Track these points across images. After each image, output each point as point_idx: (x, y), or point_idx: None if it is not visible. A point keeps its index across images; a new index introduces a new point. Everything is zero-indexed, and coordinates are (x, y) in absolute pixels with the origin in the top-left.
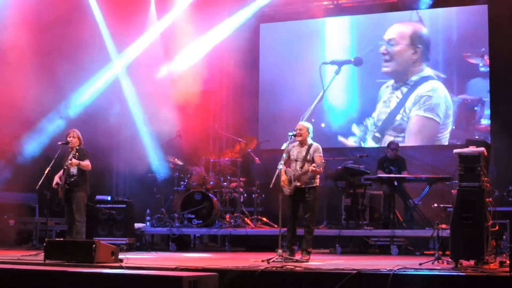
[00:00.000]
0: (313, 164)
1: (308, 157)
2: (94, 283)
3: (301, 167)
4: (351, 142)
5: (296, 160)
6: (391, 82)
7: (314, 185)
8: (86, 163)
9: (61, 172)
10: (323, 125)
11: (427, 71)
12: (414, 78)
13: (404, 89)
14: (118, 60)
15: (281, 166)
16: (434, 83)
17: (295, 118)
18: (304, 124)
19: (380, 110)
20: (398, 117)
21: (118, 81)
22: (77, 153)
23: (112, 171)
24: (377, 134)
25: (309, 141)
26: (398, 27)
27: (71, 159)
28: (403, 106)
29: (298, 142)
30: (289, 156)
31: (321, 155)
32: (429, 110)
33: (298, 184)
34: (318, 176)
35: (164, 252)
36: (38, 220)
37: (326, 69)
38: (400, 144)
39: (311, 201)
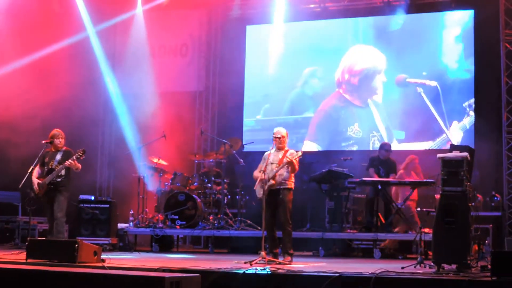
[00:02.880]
0: (286, 156)
1: (285, 160)
2: (76, 283)
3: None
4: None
5: (271, 163)
6: None
7: (288, 186)
8: (78, 165)
9: (36, 172)
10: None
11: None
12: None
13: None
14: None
15: (258, 173)
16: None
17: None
18: (281, 130)
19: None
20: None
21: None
22: (83, 155)
23: (95, 171)
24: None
25: (285, 146)
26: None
27: (73, 160)
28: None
29: (275, 148)
30: (266, 164)
31: (297, 159)
32: None
33: (273, 182)
34: (292, 177)
35: (147, 252)
36: (20, 219)
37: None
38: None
39: (286, 202)
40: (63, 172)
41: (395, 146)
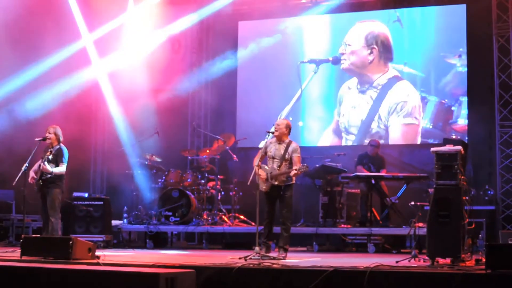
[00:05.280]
0: (295, 168)
1: (287, 156)
2: (71, 279)
3: (279, 166)
4: (329, 140)
5: (273, 158)
6: (354, 82)
7: (291, 182)
8: (59, 170)
9: (36, 166)
10: (300, 123)
11: (392, 71)
12: (381, 80)
13: (374, 94)
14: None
15: (257, 162)
16: (404, 84)
17: (273, 117)
18: (282, 120)
19: (350, 114)
20: (374, 124)
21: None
22: (50, 154)
23: (89, 168)
24: (354, 144)
25: (288, 138)
26: (356, 27)
27: (43, 163)
28: (377, 113)
29: (275, 138)
30: (265, 153)
31: (300, 155)
32: (408, 116)
33: (276, 183)
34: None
35: (141, 249)
36: (14, 217)
37: (304, 68)
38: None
39: (287, 198)
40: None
41: None
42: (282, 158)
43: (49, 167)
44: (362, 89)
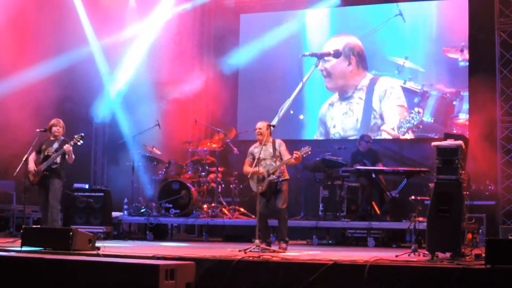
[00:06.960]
0: (295, 152)
1: (276, 152)
2: (71, 270)
3: (273, 163)
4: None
5: (264, 159)
6: (336, 97)
7: (286, 177)
8: (73, 157)
9: (33, 156)
10: (301, 117)
11: (370, 75)
12: (364, 82)
13: (362, 94)
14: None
15: (248, 168)
16: (385, 78)
17: (274, 109)
18: (262, 123)
19: (343, 122)
20: (371, 117)
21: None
22: (81, 140)
23: (90, 159)
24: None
25: (270, 138)
26: (331, 42)
27: (67, 146)
28: (371, 106)
29: (258, 142)
30: (252, 159)
31: (286, 148)
32: (397, 98)
33: (274, 177)
34: (286, 169)
35: (141, 241)
36: (15, 207)
37: (305, 61)
38: (378, 138)
39: (284, 191)
40: (58, 160)
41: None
42: (273, 156)
43: (71, 148)
44: (347, 96)
